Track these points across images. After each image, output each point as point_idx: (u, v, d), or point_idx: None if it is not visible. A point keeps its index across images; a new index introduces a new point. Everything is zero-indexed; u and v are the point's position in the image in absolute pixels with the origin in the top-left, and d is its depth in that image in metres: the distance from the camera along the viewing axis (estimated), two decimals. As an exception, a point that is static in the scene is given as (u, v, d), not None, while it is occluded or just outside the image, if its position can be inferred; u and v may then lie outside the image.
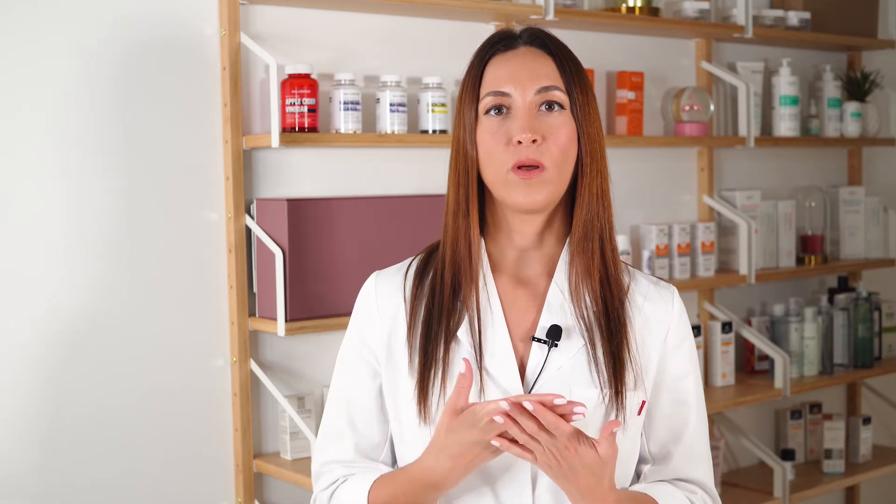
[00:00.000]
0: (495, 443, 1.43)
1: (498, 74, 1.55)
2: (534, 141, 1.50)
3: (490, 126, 1.53)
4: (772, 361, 3.44)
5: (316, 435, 2.56)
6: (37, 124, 2.38)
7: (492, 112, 1.54)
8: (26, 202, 2.38)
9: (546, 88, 1.53)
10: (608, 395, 1.52)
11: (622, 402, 1.53)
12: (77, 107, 2.43)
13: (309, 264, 2.57)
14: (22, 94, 2.36)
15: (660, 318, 1.60)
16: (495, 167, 1.52)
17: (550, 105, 1.53)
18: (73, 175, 2.43)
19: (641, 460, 1.65)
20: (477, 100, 1.55)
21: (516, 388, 1.53)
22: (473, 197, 1.56)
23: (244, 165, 2.63)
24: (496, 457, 1.48)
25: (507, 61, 1.55)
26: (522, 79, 1.53)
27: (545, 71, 1.54)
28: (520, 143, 1.50)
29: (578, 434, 1.42)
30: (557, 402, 1.40)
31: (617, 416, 1.52)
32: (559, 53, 1.56)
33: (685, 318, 1.64)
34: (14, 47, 2.35)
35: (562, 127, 1.53)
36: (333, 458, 1.64)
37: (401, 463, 1.62)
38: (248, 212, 2.64)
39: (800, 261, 3.72)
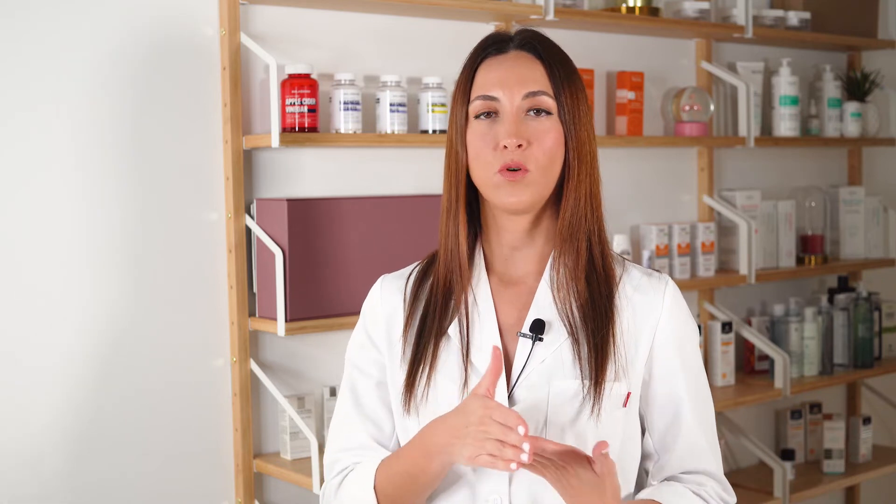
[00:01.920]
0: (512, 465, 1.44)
1: (487, 78, 1.59)
2: (519, 146, 1.54)
3: (479, 129, 1.58)
4: (772, 361, 3.44)
5: (315, 435, 2.58)
6: (36, 124, 2.38)
7: (481, 116, 1.58)
8: (26, 202, 2.38)
9: (533, 94, 1.57)
10: (587, 387, 1.55)
11: (599, 393, 1.55)
12: (76, 107, 2.42)
13: (309, 264, 2.57)
14: (21, 95, 2.36)
15: (649, 309, 1.62)
16: (483, 169, 1.57)
17: (538, 111, 1.57)
18: (72, 175, 2.42)
19: (647, 455, 1.66)
20: (467, 102, 1.59)
21: (501, 383, 1.56)
22: (462, 198, 1.61)
23: (244, 165, 2.63)
24: (469, 461, 1.48)
25: (497, 65, 1.59)
26: (510, 83, 1.57)
27: (534, 76, 1.58)
28: (506, 147, 1.54)
29: (574, 455, 1.47)
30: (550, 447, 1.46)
31: (594, 407, 1.55)
32: (549, 58, 1.60)
33: (679, 308, 1.64)
34: (13, 48, 2.35)
35: (548, 132, 1.57)
36: (343, 445, 1.69)
37: None
38: (248, 212, 2.64)
39: (800, 261, 3.72)
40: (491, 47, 1.62)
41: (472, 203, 1.63)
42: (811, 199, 3.76)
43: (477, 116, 1.58)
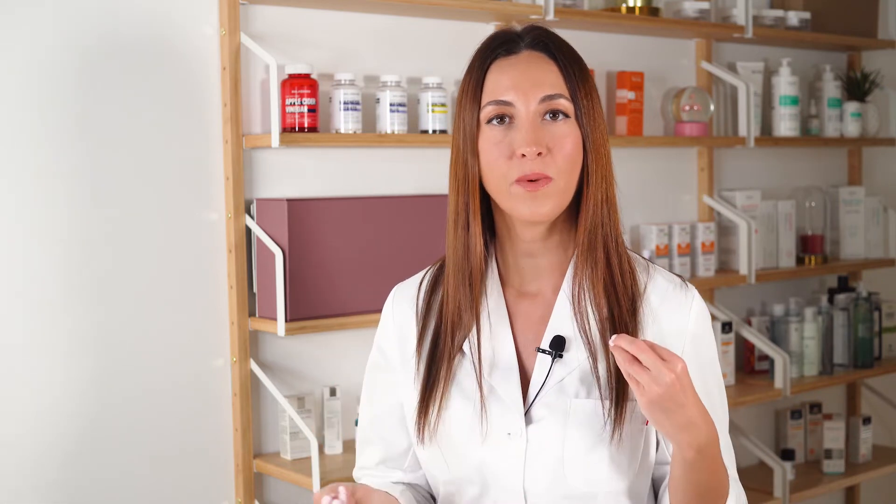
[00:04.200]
0: None
1: (500, 82, 1.49)
2: (539, 154, 1.46)
3: (492, 136, 1.48)
4: (772, 361, 3.44)
5: (315, 435, 2.58)
6: (35, 124, 2.38)
7: (494, 121, 1.49)
8: (25, 203, 2.37)
9: (550, 97, 1.48)
10: (608, 408, 1.48)
11: (621, 414, 1.48)
12: (76, 106, 2.42)
13: (309, 264, 2.57)
14: (20, 94, 2.36)
15: (675, 323, 1.54)
16: (498, 179, 1.48)
17: (555, 114, 1.49)
18: (72, 175, 2.42)
19: (666, 462, 1.58)
20: (478, 107, 1.50)
21: (517, 401, 1.51)
22: (475, 207, 1.51)
23: (244, 165, 2.63)
24: None
25: (509, 67, 1.50)
26: (525, 87, 1.48)
27: (549, 78, 1.49)
28: (524, 156, 1.46)
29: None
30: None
31: (615, 430, 1.48)
32: (563, 57, 1.51)
33: (703, 320, 1.57)
34: (11, 46, 2.35)
35: (567, 136, 1.48)
36: (362, 464, 1.69)
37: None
38: (248, 212, 2.64)
39: (800, 261, 3.72)
40: (500, 48, 1.51)
41: (482, 210, 1.53)
42: (811, 199, 3.76)
43: (489, 122, 1.48)
